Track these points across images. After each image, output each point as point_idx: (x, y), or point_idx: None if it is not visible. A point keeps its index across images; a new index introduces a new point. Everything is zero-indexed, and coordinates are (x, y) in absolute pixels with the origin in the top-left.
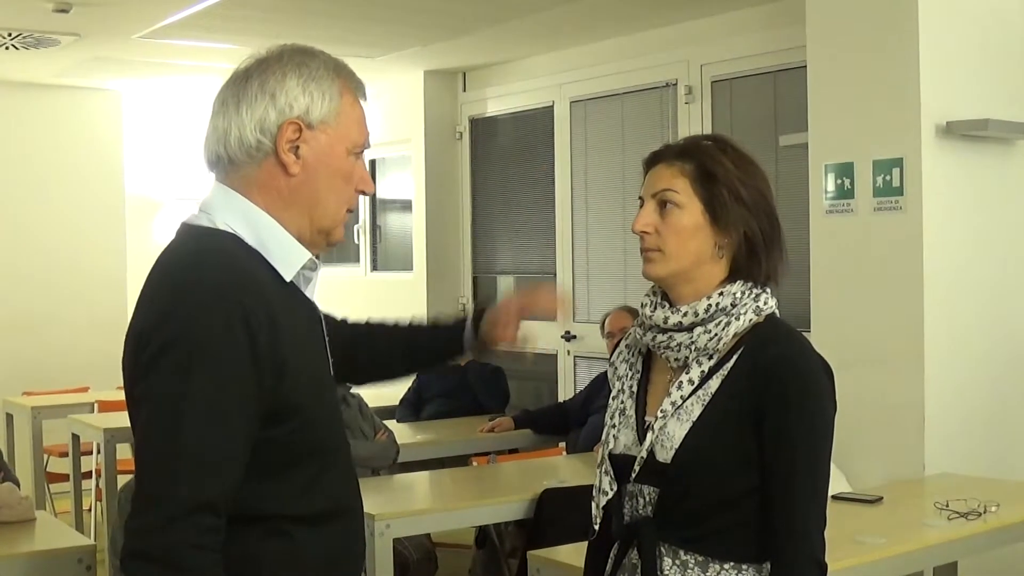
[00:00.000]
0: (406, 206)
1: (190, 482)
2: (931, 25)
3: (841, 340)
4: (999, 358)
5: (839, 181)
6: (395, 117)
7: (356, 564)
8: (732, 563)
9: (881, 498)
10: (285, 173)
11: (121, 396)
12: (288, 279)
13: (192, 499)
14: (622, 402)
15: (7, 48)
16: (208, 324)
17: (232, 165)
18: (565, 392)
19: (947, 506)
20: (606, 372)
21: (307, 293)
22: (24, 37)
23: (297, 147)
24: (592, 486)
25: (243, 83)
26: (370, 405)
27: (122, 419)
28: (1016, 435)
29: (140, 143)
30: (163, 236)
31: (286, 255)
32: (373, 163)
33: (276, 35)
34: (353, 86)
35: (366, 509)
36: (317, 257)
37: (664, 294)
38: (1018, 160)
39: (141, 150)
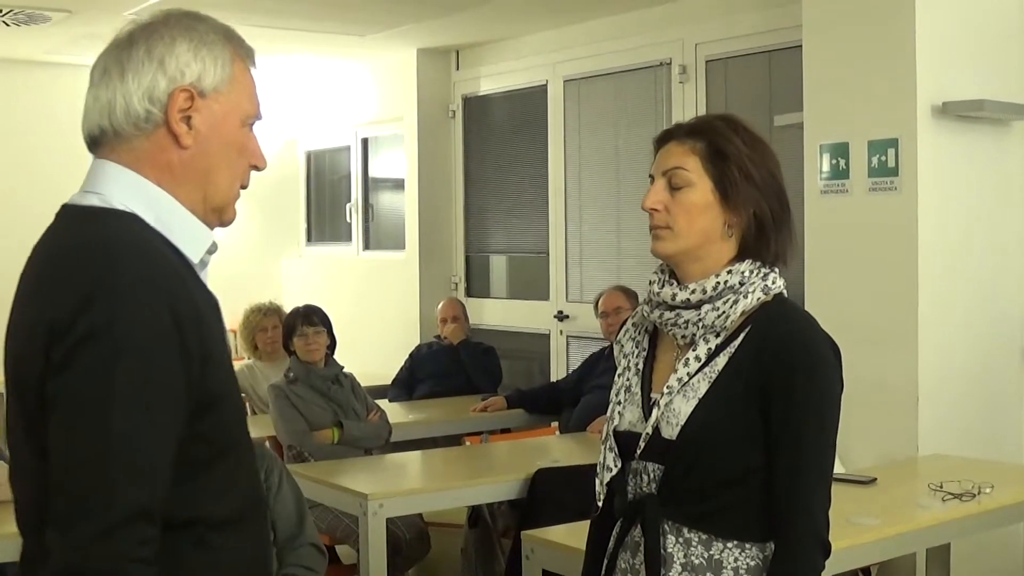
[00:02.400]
0: (398, 185)
1: (126, 488)
2: (927, 5)
3: (835, 321)
4: (993, 339)
5: (834, 161)
6: (387, 95)
7: (269, 567)
8: (736, 541)
9: (875, 479)
10: (177, 145)
11: None
12: (196, 261)
13: (130, 507)
14: (628, 379)
15: None
16: (134, 312)
17: (118, 139)
18: (558, 372)
19: (941, 487)
20: (599, 352)
21: (202, 277)
22: (15, 13)
23: (189, 117)
24: (592, 465)
25: (127, 49)
26: (362, 385)
27: None
28: (1010, 416)
29: None
30: None
31: (191, 236)
32: (366, 142)
33: (268, 12)
34: (244, 53)
35: (360, 488)
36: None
37: (672, 272)
38: (1013, 141)
39: None
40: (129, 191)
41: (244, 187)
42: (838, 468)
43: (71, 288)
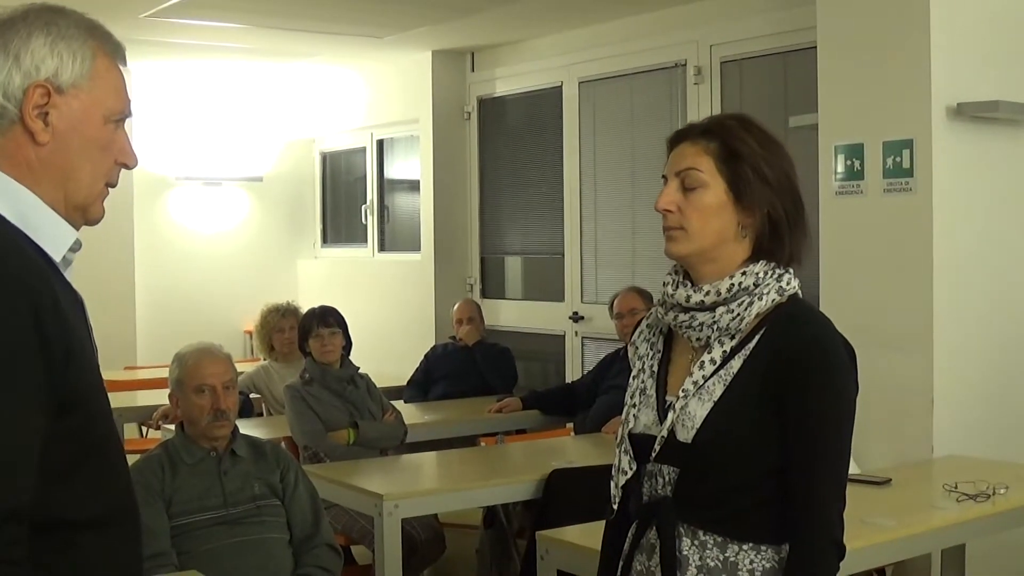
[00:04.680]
0: (414, 187)
1: None
2: (942, 6)
3: (850, 322)
4: (1008, 340)
5: (849, 162)
6: (403, 97)
7: (138, 571)
8: (751, 543)
9: (890, 480)
10: (33, 142)
11: (129, 376)
12: (57, 259)
13: None
14: (643, 382)
15: None
16: None
17: None
18: (573, 373)
19: (956, 488)
20: (614, 352)
21: (67, 276)
22: None
23: (46, 113)
24: (607, 466)
25: None
26: (378, 386)
27: (127, 399)
28: None
29: (147, 123)
30: (171, 215)
31: (53, 233)
32: (382, 144)
33: (283, 14)
34: (110, 49)
35: (376, 489)
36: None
37: (686, 273)
38: None
39: (148, 130)
40: None
41: (112, 185)
42: (853, 469)
43: None
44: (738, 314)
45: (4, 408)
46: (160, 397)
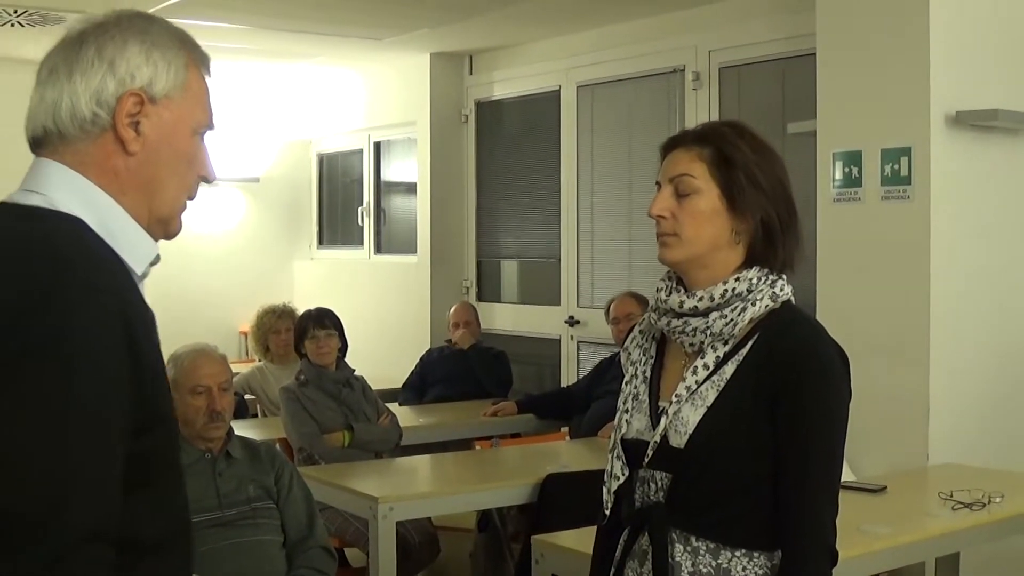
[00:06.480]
0: (411, 189)
1: (80, 507)
2: (942, 14)
3: (847, 329)
4: (1004, 349)
5: (847, 169)
6: (401, 100)
7: None
8: (744, 550)
9: (885, 488)
10: (124, 151)
11: None
12: (140, 273)
13: (83, 527)
14: (635, 387)
15: (13, 25)
16: (87, 320)
17: (63, 141)
18: (568, 377)
19: (951, 496)
20: (610, 357)
21: (141, 290)
22: (30, 14)
23: (138, 122)
24: (602, 471)
25: (77, 48)
26: (373, 389)
27: None
28: (1020, 426)
29: None
30: None
31: (136, 247)
32: (378, 145)
33: (282, 15)
34: (198, 59)
35: (370, 491)
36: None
37: (679, 279)
38: None
39: None
40: (73, 194)
41: (191, 199)
42: (848, 476)
43: (17, 289)
44: (732, 319)
45: (99, 422)
46: None
